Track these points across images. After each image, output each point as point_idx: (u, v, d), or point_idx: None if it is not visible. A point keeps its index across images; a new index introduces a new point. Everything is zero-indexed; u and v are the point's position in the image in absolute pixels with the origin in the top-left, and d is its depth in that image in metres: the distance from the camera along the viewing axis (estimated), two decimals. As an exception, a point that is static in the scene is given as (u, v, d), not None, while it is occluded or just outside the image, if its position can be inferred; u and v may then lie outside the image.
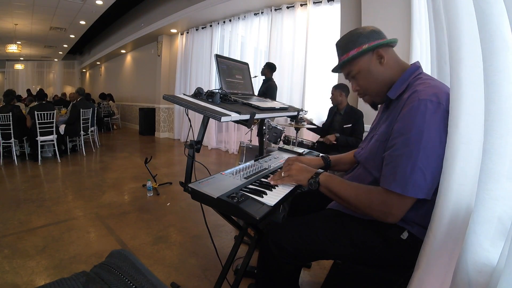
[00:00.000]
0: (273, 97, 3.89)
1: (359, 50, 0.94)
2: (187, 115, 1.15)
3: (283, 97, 4.41)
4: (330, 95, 3.02)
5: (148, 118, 7.70)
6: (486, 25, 0.58)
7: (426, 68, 1.30)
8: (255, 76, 3.85)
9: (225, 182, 1.03)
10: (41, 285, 0.40)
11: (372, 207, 0.85)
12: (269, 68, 3.92)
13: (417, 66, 0.95)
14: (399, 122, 0.84)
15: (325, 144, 2.87)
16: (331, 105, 3.16)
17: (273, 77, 3.98)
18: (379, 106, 1.09)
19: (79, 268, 1.67)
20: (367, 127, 2.87)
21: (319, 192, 0.99)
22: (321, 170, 0.99)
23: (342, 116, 2.95)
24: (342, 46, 0.99)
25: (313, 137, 3.59)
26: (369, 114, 2.92)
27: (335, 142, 2.78)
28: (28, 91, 9.24)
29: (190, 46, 6.41)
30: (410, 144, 0.79)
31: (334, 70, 1.07)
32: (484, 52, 0.59)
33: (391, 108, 0.96)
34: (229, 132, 5.61)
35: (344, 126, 2.88)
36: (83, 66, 13.16)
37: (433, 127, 0.77)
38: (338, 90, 2.93)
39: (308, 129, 3.27)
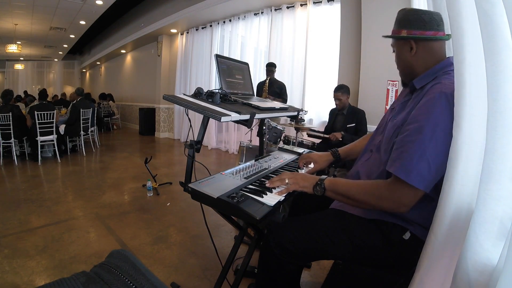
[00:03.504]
0: (287, 96, 3.92)
1: (398, 34, 0.96)
2: (187, 115, 1.15)
3: (283, 97, 4.42)
4: (336, 100, 2.93)
5: (148, 118, 7.70)
6: (488, 25, 0.58)
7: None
8: (270, 78, 3.84)
9: (225, 182, 1.03)
10: (41, 285, 0.40)
11: (382, 199, 0.84)
12: (275, 68, 3.92)
13: (450, 62, 0.93)
14: (417, 109, 0.85)
15: (327, 143, 2.87)
16: (331, 106, 3.15)
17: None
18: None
19: (79, 268, 1.67)
20: (369, 127, 2.87)
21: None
22: (324, 176, 0.99)
23: (345, 116, 2.95)
24: (396, 19, 1.01)
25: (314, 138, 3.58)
26: (368, 113, 2.92)
27: (341, 139, 2.78)
28: (25, 92, 9.22)
29: (190, 46, 6.41)
30: (423, 133, 0.79)
31: (384, 36, 1.09)
32: (487, 52, 0.59)
33: (414, 96, 0.96)
34: (229, 132, 5.61)
35: (348, 126, 2.87)
36: (83, 66, 13.15)
37: (448, 122, 0.77)
38: (346, 94, 2.87)
39: (312, 136, 3.26)
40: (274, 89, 3.81)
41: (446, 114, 0.77)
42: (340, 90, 2.89)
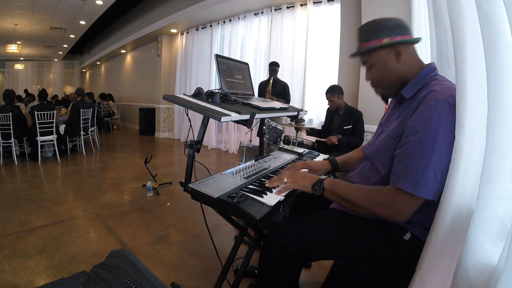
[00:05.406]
0: (290, 96, 3.91)
1: (378, 43, 0.93)
2: (187, 115, 1.15)
3: (283, 97, 4.41)
4: (328, 102, 2.92)
5: (148, 118, 7.70)
6: (488, 25, 0.58)
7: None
8: (273, 78, 3.81)
9: (225, 182, 1.03)
10: (41, 285, 0.40)
11: (380, 206, 0.84)
12: (279, 67, 3.87)
13: (433, 67, 0.94)
14: (414, 120, 0.83)
15: (326, 144, 2.86)
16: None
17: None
18: (389, 100, 1.08)
19: (79, 268, 1.67)
20: (367, 126, 2.86)
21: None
22: (324, 176, 0.99)
23: (341, 117, 2.92)
24: (364, 33, 0.98)
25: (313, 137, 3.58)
26: (368, 114, 2.92)
27: (337, 143, 2.77)
28: (26, 91, 9.23)
29: (190, 46, 6.41)
30: (425, 143, 0.78)
31: (351, 56, 1.04)
32: (487, 52, 0.59)
33: (404, 105, 0.95)
34: (229, 132, 5.60)
35: (344, 127, 2.86)
36: (83, 66, 13.15)
37: (448, 128, 0.76)
38: (336, 94, 2.85)
39: (308, 134, 3.27)
40: (277, 89, 3.77)
41: (445, 120, 0.77)
42: (330, 92, 2.86)
